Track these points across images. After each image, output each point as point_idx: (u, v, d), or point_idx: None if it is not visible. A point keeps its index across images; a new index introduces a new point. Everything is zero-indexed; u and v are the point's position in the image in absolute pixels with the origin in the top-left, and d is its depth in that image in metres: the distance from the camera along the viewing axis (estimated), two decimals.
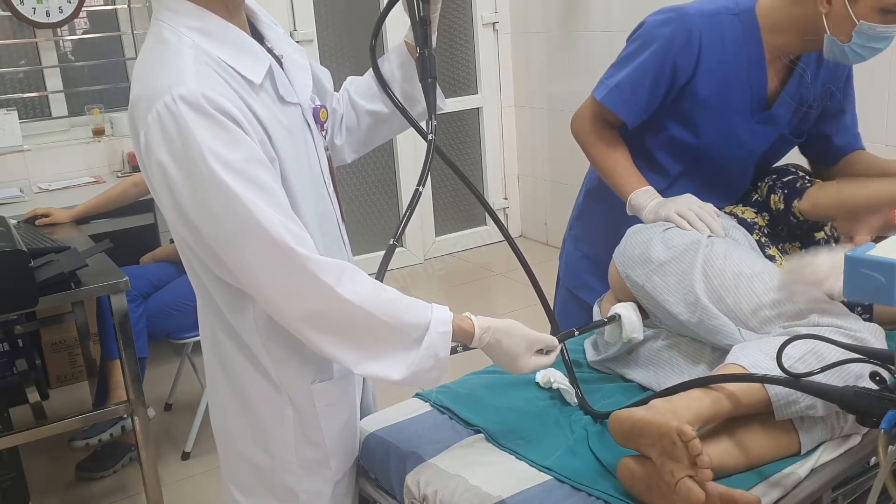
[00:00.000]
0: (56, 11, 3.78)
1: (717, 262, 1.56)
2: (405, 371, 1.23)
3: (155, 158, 1.13)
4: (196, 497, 2.75)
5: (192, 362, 3.30)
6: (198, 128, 1.10)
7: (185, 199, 1.13)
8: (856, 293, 0.94)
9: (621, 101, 1.84)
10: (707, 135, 1.85)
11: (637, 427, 1.23)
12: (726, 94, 1.81)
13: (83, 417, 2.39)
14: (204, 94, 1.11)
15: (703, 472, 1.15)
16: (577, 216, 2.19)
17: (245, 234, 1.13)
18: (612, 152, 1.90)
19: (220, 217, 1.13)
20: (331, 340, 1.20)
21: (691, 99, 1.81)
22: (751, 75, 1.81)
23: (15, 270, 2.01)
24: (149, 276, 2.96)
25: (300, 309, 1.17)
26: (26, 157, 3.71)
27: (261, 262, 1.14)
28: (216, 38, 1.20)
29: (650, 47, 1.79)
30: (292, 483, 1.36)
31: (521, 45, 4.93)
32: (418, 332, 1.23)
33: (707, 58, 1.77)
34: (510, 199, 5.23)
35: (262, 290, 1.17)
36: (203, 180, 1.11)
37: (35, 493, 2.73)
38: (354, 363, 1.22)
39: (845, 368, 1.28)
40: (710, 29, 1.77)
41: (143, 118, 1.13)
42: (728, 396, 1.29)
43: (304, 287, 1.16)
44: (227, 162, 1.11)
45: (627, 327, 1.61)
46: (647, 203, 1.80)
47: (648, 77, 1.80)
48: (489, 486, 1.30)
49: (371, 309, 1.19)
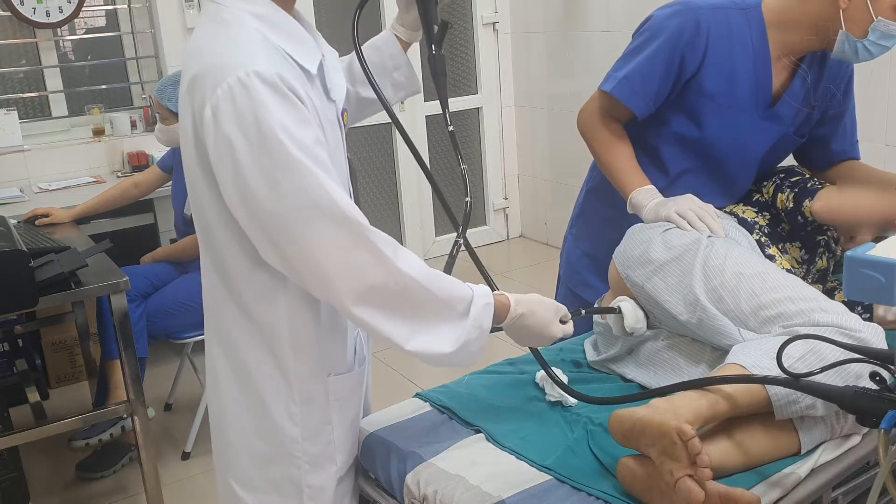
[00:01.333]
0: (56, 11, 3.78)
1: (717, 263, 1.56)
2: (455, 343, 1.26)
3: (223, 132, 1.13)
4: (196, 497, 2.75)
5: (192, 362, 3.30)
6: (272, 104, 1.12)
7: (252, 174, 1.14)
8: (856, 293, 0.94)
9: (631, 92, 1.83)
10: (710, 129, 1.84)
11: (637, 426, 1.23)
12: (732, 88, 1.80)
13: (83, 417, 2.38)
14: (278, 73, 1.14)
15: (703, 471, 1.15)
16: (577, 214, 2.19)
17: (315, 209, 1.15)
18: (615, 149, 1.90)
19: (289, 192, 1.14)
20: (384, 316, 1.22)
21: (697, 92, 1.81)
22: (757, 71, 1.80)
23: (15, 270, 2.02)
24: (149, 276, 2.97)
25: (360, 284, 1.19)
26: (26, 157, 3.71)
27: (328, 237, 1.16)
28: (276, 27, 1.22)
29: (658, 39, 1.79)
30: (297, 478, 1.36)
31: (521, 45, 4.93)
32: (464, 304, 1.27)
33: (714, 51, 1.77)
34: (510, 199, 5.23)
35: (320, 269, 1.18)
36: (275, 155, 1.12)
37: (35, 493, 2.74)
38: (405, 339, 1.24)
39: (845, 368, 1.28)
40: (717, 22, 1.77)
41: (210, 92, 1.13)
42: (728, 396, 1.29)
43: (367, 261, 1.19)
44: (299, 140, 1.13)
45: (629, 318, 1.61)
46: (647, 202, 1.80)
47: (658, 68, 1.80)
48: (489, 486, 1.30)
49: (424, 282, 1.23)
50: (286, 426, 1.33)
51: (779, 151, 1.95)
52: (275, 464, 1.35)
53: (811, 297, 1.48)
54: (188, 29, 3.96)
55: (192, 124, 1.19)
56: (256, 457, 1.36)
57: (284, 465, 1.35)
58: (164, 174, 3.18)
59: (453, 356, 1.27)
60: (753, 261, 1.59)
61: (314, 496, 1.37)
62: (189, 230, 3.04)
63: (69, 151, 3.83)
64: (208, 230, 1.27)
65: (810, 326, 1.40)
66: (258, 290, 1.28)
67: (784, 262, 1.80)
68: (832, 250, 1.88)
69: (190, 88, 1.18)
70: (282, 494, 1.37)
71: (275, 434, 1.34)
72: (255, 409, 1.34)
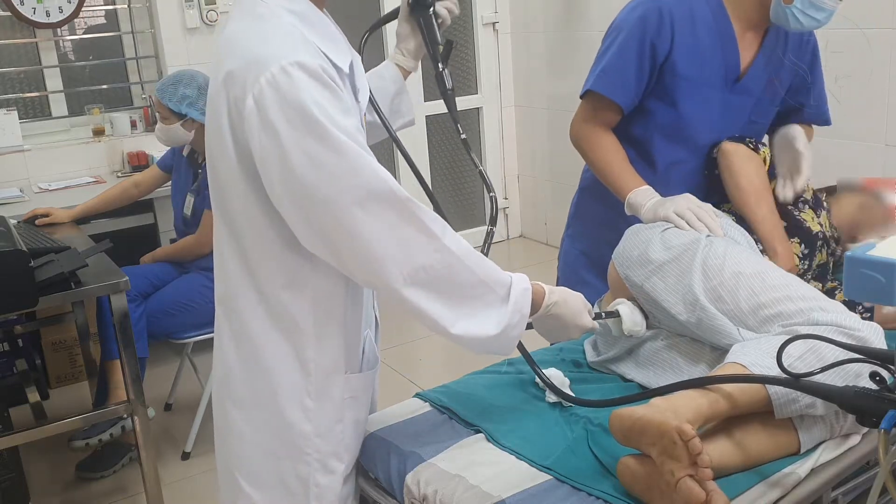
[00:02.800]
0: (56, 11, 3.78)
1: (716, 262, 1.56)
2: (498, 327, 1.28)
3: (268, 121, 1.14)
4: (196, 497, 2.75)
5: (192, 362, 3.30)
6: (317, 92, 1.14)
7: (298, 161, 1.15)
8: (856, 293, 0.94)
9: (610, 84, 1.89)
10: (686, 108, 1.89)
11: (637, 426, 1.23)
12: (703, 68, 1.87)
13: (83, 417, 2.38)
14: (320, 64, 1.16)
15: (704, 471, 1.15)
16: (572, 214, 2.21)
17: (364, 189, 1.17)
18: (608, 154, 1.93)
19: (337, 174, 1.15)
20: (431, 298, 1.24)
21: (671, 74, 1.87)
22: (724, 49, 1.87)
23: (15, 270, 2.02)
24: (149, 276, 2.97)
25: (408, 264, 1.20)
26: (26, 157, 3.71)
27: (377, 217, 1.18)
28: (311, 24, 1.24)
29: (625, 32, 1.87)
30: (306, 475, 1.36)
31: (521, 45, 4.93)
32: (504, 289, 1.29)
33: (680, 34, 1.84)
34: (510, 199, 5.23)
35: (369, 251, 1.19)
36: (321, 139, 1.14)
37: (35, 493, 2.74)
38: (451, 322, 1.26)
39: (845, 368, 1.28)
40: (678, 7, 1.84)
41: (252, 83, 1.14)
42: (728, 395, 1.29)
43: (415, 238, 1.21)
44: (343, 127, 1.16)
45: (627, 321, 1.61)
46: (645, 202, 1.80)
47: (630, 58, 1.86)
48: (489, 486, 1.30)
49: (468, 262, 1.25)
50: (299, 422, 1.33)
51: (755, 127, 1.99)
52: (284, 460, 1.35)
53: (810, 296, 1.48)
54: (188, 29, 3.96)
55: (228, 117, 1.20)
56: (266, 452, 1.36)
57: (294, 461, 1.35)
58: (163, 174, 3.18)
59: (495, 340, 1.29)
60: (752, 260, 1.59)
61: (321, 495, 1.37)
62: (189, 230, 3.04)
63: (69, 151, 3.83)
64: (233, 221, 1.28)
65: (810, 325, 1.40)
66: (284, 280, 1.28)
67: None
68: (831, 246, 1.89)
69: (226, 81, 1.19)
70: (289, 491, 1.36)
71: (287, 429, 1.34)
72: (268, 404, 1.33)
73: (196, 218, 2.98)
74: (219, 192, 1.29)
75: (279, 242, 1.25)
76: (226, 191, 1.27)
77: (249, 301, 1.31)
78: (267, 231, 1.25)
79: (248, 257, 1.29)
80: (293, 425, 1.33)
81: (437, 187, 4.96)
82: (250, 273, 1.29)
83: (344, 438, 1.39)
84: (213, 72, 1.25)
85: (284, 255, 1.26)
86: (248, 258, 1.29)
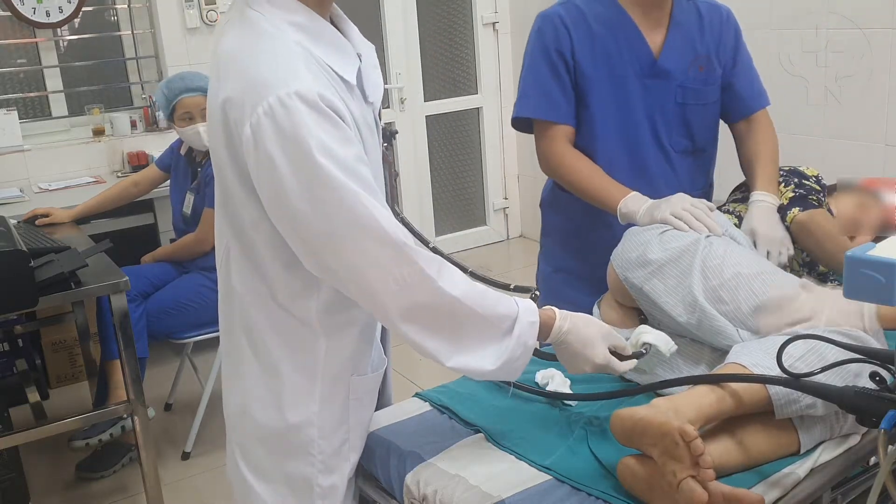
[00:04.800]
0: (56, 11, 3.78)
1: (716, 263, 1.55)
2: (497, 361, 1.26)
3: (265, 152, 1.13)
4: (196, 497, 2.75)
5: (192, 362, 3.30)
6: (313, 124, 1.12)
7: (294, 194, 1.14)
8: (856, 293, 0.94)
9: (535, 105, 1.93)
10: (593, 104, 1.91)
11: (639, 426, 1.23)
12: (610, 63, 1.89)
13: (83, 417, 2.39)
14: (319, 92, 1.13)
15: (706, 472, 1.15)
16: (541, 234, 2.20)
17: (359, 229, 1.16)
18: (582, 173, 1.91)
19: (333, 212, 1.14)
20: (428, 334, 1.23)
21: (583, 79, 1.89)
22: (629, 40, 1.89)
23: (15, 270, 2.02)
24: (149, 276, 2.97)
25: (404, 302, 1.20)
26: (26, 157, 3.71)
27: (373, 257, 1.17)
28: (315, 36, 1.21)
29: (529, 50, 1.94)
30: (310, 476, 1.36)
31: (521, 45, 4.90)
32: (508, 322, 1.27)
33: (578, 36, 1.88)
34: (510, 199, 5.23)
35: (366, 284, 1.19)
36: (317, 176, 1.13)
37: (35, 493, 2.74)
38: (448, 356, 1.25)
39: (845, 368, 1.28)
40: (568, 12, 1.89)
41: (251, 111, 1.13)
42: (729, 395, 1.29)
43: (411, 280, 1.19)
44: (341, 160, 1.14)
45: (662, 346, 1.43)
46: (638, 208, 1.79)
47: (542, 72, 1.90)
48: (489, 486, 1.30)
49: (468, 301, 1.23)
50: (304, 424, 1.33)
51: (695, 108, 1.97)
52: (290, 459, 1.35)
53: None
54: (188, 29, 3.96)
55: (227, 139, 1.19)
56: (273, 450, 1.36)
57: (299, 461, 1.35)
58: (162, 173, 3.18)
59: (495, 373, 1.28)
60: (752, 260, 1.59)
61: (325, 495, 1.37)
62: (189, 229, 3.04)
63: (69, 151, 3.83)
64: (242, 231, 1.27)
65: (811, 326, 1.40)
66: (295, 287, 1.28)
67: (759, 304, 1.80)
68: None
69: (225, 106, 1.17)
70: (293, 490, 1.37)
71: (292, 431, 1.34)
72: (277, 403, 1.33)
73: (196, 216, 2.99)
74: (226, 201, 1.29)
75: (287, 258, 1.25)
76: (234, 203, 1.26)
77: (263, 304, 1.30)
78: (274, 247, 1.25)
79: (258, 265, 1.28)
80: (299, 427, 1.33)
81: (437, 187, 4.96)
82: (262, 279, 1.29)
83: (349, 440, 1.39)
84: (211, 89, 1.23)
85: (293, 269, 1.26)
86: (258, 266, 1.28)
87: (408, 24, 4.59)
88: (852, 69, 3.10)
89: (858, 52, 3.07)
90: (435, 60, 4.80)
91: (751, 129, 2.00)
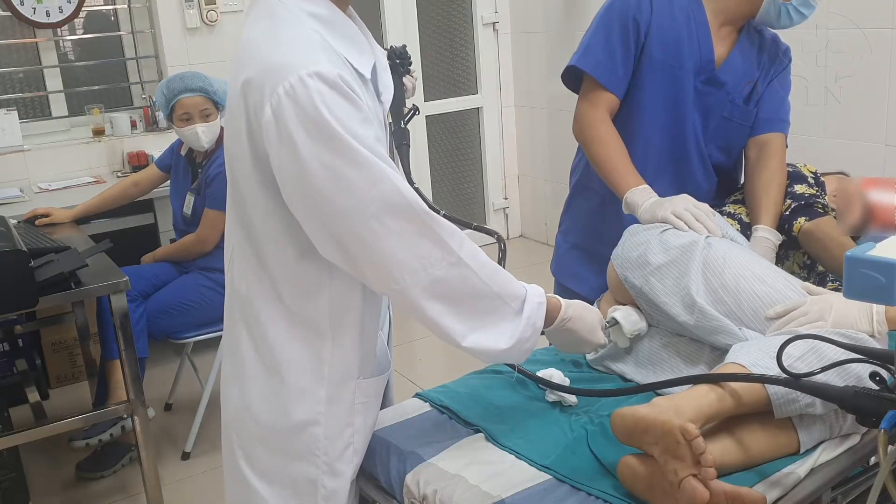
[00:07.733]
0: (56, 11, 3.78)
1: (717, 264, 1.56)
2: (510, 340, 1.28)
3: (286, 132, 1.13)
4: (196, 497, 2.74)
5: (192, 362, 3.30)
6: (335, 103, 1.13)
7: (316, 173, 1.14)
8: (856, 293, 0.94)
9: (595, 62, 1.90)
10: (648, 89, 1.90)
11: (640, 425, 1.23)
12: (676, 53, 1.88)
13: (83, 417, 2.39)
14: (340, 74, 1.14)
15: (707, 470, 1.15)
16: (564, 211, 2.22)
17: (382, 202, 1.16)
18: (606, 148, 1.91)
19: (355, 187, 1.15)
20: (446, 311, 1.24)
21: (647, 57, 1.88)
22: (699, 38, 1.88)
23: (15, 270, 2.02)
24: (149, 276, 2.97)
25: (426, 276, 1.21)
26: (26, 157, 3.71)
27: (395, 229, 1.18)
28: (333, 28, 1.22)
29: (609, 13, 1.90)
30: (315, 477, 1.36)
31: (521, 45, 4.93)
32: (518, 302, 1.30)
33: (658, 17, 1.87)
34: (510, 199, 5.23)
35: (387, 261, 1.19)
36: (339, 152, 1.13)
37: (35, 493, 2.74)
38: (463, 335, 1.26)
39: (845, 368, 1.28)
40: None
41: (270, 92, 1.14)
42: (729, 395, 1.29)
43: (432, 251, 1.21)
44: (363, 138, 1.15)
45: (626, 325, 1.63)
46: (642, 202, 1.80)
47: (615, 34, 1.88)
48: (489, 485, 1.30)
49: (483, 275, 1.25)
50: (310, 425, 1.33)
51: (732, 124, 1.97)
52: (294, 460, 1.35)
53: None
54: (188, 29, 3.96)
55: (247, 125, 1.19)
56: (277, 451, 1.36)
57: (304, 462, 1.35)
58: (162, 173, 3.18)
59: (507, 353, 1.29)
60: (753, 262, 1.59)
61: (329, 497, 1.37)
62: (189, 229, 3.04)
63: (69, 151, 3.83)
64: (251, 228, 1.27)
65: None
66: (302, 286, 1.28)
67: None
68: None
69: (245, 89, 1.18)
70: (297, 491, 1.36)
71: (297, 432, 1.33)
72: (282, 405, 1.33)
73: (196, 217, 2.99)
74: (237, 199, 1.29)
75: (297, 250, 1.25)
76: (244, 199, 1.27)
77: (270, 304, 1.30)
78: (285, 239, 1.25)
79: (266, 264, 1.29)
80: (304, 428, 1.33)
81: (437, 187, 4.96)
82: (269, 279, 1.29)
83: (353, 442, 1.38)
84: (231, 77, 1.24)
85: (302, 263, 1.26)
86: (266, 265, 1.29)
87: (408, 25, 4.59)
88: (852, 69, 3.10)
89: (858, 52, 3.06)
90: (435, 60, 4.80)
91: (763, 156, 1.96)
